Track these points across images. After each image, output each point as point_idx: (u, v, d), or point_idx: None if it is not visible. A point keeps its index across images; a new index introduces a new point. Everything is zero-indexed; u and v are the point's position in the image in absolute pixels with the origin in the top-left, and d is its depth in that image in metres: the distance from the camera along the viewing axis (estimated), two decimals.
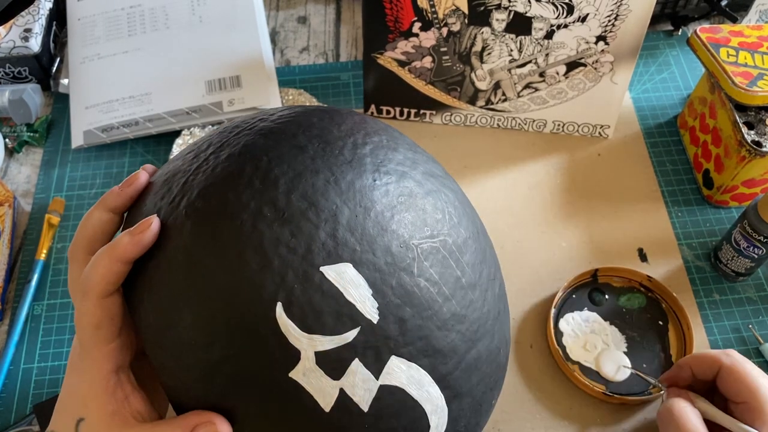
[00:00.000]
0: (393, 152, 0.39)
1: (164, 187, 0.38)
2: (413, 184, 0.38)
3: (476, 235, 0.41)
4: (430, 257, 0.36)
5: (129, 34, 0.77)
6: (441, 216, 0.38)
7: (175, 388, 0.36)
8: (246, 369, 0.34)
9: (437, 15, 0.64)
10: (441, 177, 0.41)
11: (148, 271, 0.36)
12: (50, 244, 0.67)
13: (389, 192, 0.37)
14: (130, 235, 0.35)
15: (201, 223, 0.35)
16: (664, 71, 0.78)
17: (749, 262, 0.60)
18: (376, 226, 0.35)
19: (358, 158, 0.37)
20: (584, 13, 0.62)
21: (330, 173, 0.36)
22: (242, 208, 0.34)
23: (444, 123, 0.74)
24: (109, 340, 0.37)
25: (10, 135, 0.74)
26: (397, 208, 0.36)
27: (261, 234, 0.34)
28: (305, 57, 0.81)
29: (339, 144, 0.37)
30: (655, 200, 0.68)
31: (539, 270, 0.64)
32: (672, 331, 0.60)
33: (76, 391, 0.38)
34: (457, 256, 0.38)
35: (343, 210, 0.35)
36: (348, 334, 0.34)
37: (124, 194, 0.39)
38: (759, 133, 0.61)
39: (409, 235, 0.36)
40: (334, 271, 0.34)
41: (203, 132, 0.73)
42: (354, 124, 0.40)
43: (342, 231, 0.34)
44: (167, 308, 0.35)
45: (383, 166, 0.38)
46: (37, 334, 0.63)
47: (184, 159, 0.39)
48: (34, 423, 0.57)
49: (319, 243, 0.34)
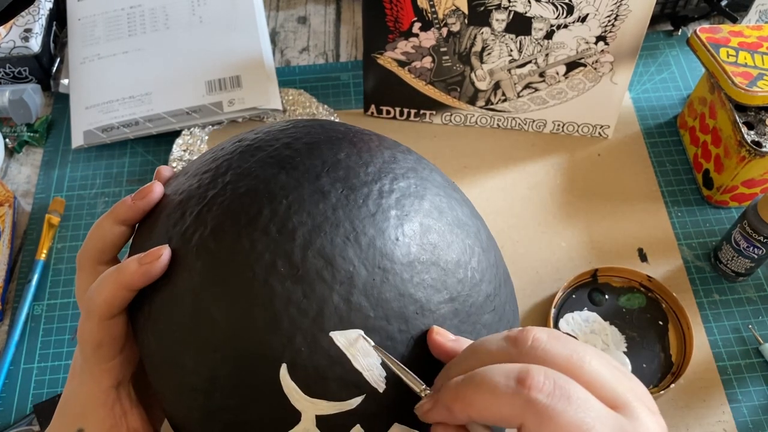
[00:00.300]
0: (420, 201, 0.36)
1: (177, 211, 0.36)
2: (437, 239, 0.36)
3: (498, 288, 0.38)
4: (446, 323, 0.35)
5: (129, 35, 0.77)
6: (462, 275, 0.36)
7: (175, 417, 0.35)
8: (244, 422, 0.33)
9: (437, 15, 0.64)
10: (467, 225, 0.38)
11: (155, 302, 0.35)
12: (50, 244, 0.67)
13: (411, 252, 0.34)
14: (138, 264, 0.34)
15: (211, 267, 0.33)
16: (664, 71, 0.78)
17: (749, 262, 0.60)
18: (393, 290, 0.33)
19: (383, 211, 0.35)
20: (584, 13, 0.62)
21: (351, 228, 0.34)
22: (255, 258, 0.33)
23: (444, 123, 0.74)
24: (110, 358, 0.36)
25: (10, 135, 0.74)
26: (418, 269, 0.34)
27: (272, 291, 0.32)
28: (305, 57, 0.81)
29: (364, 191, 0.35)
30: (655, 200, 0.68)
31: (539, 270, 0.64)
32: (672, 331, 0.60)
33: (76, 400, 0.38)
34: (475, 318, 0.36)
35: (360, 271, 0.33)
36: (352, 401, 0.33)
37: (137, 207, 0.38)
38: (759, 133, 0.61)
39: (427, 299, 0.34)
40: (344, 338, 0.32)
41: (203, 132, 0.73)
42: (383, 164, 0.37)
43: (357, 295, 0.33)
44: (170, 346, 0.34)
45: (408, 220, 0.35)
46: (37, 334, 0.63)
47: (201, 180, 0.37)
48: (34, 423, 0.57)
49: (332, 307, 0.32)
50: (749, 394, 0.58)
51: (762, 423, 0.57)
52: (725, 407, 0.57)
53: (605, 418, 0.27)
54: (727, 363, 0.59)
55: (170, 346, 0.34)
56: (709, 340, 0.61)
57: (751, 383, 0.59)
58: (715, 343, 0.60)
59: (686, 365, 0.57)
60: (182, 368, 0.33)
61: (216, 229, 0.34)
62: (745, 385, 0.58)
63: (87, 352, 0.36)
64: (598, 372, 0.28)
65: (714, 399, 0.58)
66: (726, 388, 0.58)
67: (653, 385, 0.57)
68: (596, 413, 0.27)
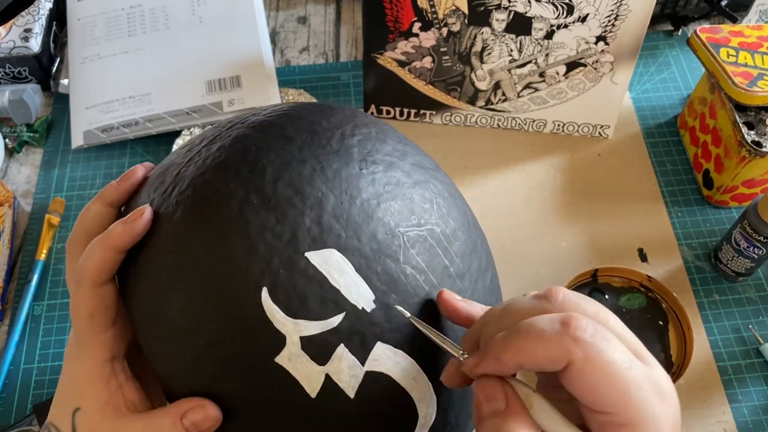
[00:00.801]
0: (381, 143, 0.39)
1: (158, 179, 0.38)
2: (401, 174, 0.38)
3: (466, 226, 0.41)
4: (416, 245, 0.37)
5: (129, 34, 0.77)
6: (429, 206, 0.38)
7: (166, 377, 0.36)
8: (232, 354, 0.34)
9: (437, 15, 0.64)
10: (431, 169, 0.41)
11: (140, 260, 0.36)
12: (50, 244, 0.67)
13: (376, 181, 0.37)
14: (123, 224, 0.36)
15: (190, 211, 0.35)
16: (664, 71, 0.78)
17: (749, 262, 0.60)
18: (362, 213, 0.35)
19: (346, 148, 0.37)
20: (584, 13, 0.62)
21: (317, 162, 0.36)
22: (230, 195, 0.35)
23: (444, 123, 0.74)
24: (104, 329, 0.37)
25: (10, 135, 0.74)
26: (384, 196, 0.37)
27: (247, 220, 0.34)
28: (305, 57, 0.81)
29: (327, 135, 0.38)
30: (655, 200, 0.68)
31: (539, 270, 0.64)
32: (672, 331, 0.60)
33: (72, 380, 0.38)
34: (445, 245, 0.38)
35: (328, 197, 0.35)
36: (333, 320, 0.34)
37: (122, 188, 0.40)
38: (759, 133, 0.61)
39: (395, 223, 0.36)
40: (319, 257, 0.34)
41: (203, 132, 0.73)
42: (344, 117, 0.40)
43: (327, 217, 0.35)
44: (157, 295, 0.35)
45: (370, 156, 0.38)
46: (37, 334, 0.63)
47: (179, 153, 0.40)
48: (34, 423, 0.57)
49: (305, 229, 0.34)
50: (749, 394, 0.58)
51: (762, 423, 0.57)
52: (725, 407, 0.57)
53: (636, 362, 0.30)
54: (727, 363, 0.59)
55: (156, 294, 0.35)
56: (709, 340, 0.61)
57: (751, 383, 0.59)
58: (715, 343, 0.60)
59: (686, 365, 0.57)
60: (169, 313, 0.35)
61: (193, 181, 0.36)
62: (745, 385, 0.58)
63: (81, 324, 0.37)
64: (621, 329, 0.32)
65: (714, 399, 0.58)
66: (726, 388, 0.58)
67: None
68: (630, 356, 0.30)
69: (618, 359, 0.29)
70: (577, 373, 0.29)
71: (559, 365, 0.30)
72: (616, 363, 0.29)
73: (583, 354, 0.29)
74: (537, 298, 0.32)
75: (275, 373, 0.34)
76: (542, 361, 0.30)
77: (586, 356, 0.29)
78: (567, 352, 0.29)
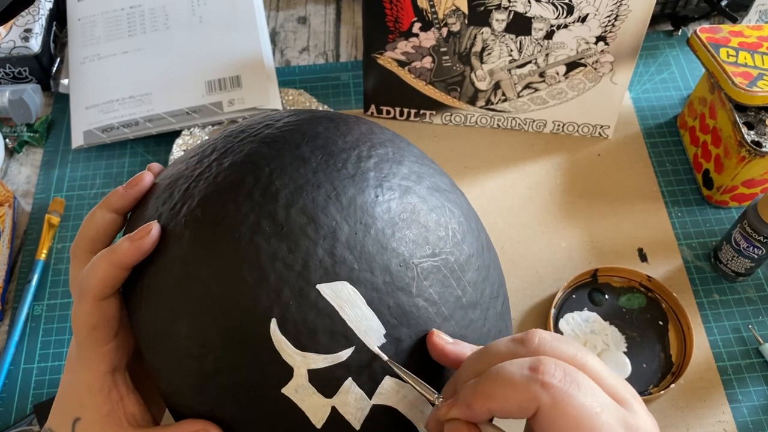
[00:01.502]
0: (398, 166, 0.38)
1: (166, 191, 0.37)
2: (417, 199, 0.37)
3: (480, 251, 0.40)
4: (430, 276, 0.36)
5: (129, 35, 0.77)
6: (444, 233, 0.37)
7: (171, 394, 0.36)
8: (239, 382, 0.33)
9: (437, 15, 0.64)
10: (447, 191, 0.40)
11: (147, 278, 0.36)
12: (50, 244, 0.67)
13: (391, 209, 0.36)
14: (129, 241, 0.35)
15: (199, 234, 0.34)
16: (664, 71, 0.78)
17: (749, 262, 0.60)
18: (376, 244, 0.35)
19: (362, 172, 0.36)
20: (584, 13, 0.62)
21: (332, 188, 0.35)
22: (241, 220, 0.34)
23: (444, 123, 0.74)
24: (106, 341, 0.37)
25: (10, 135, 0.74)
26: (399, 225, 0.36)
27: (258, 248, 0.33)
28: (305, 57, 0.81)
29: (343, 156, 0.37)
30: (655, 200, 0.68)
31: (539, 270, 0.64)
32: (672, 331, 0.60)
33: (73, 390, 0.38)
34: (459, 274, 0.37)
35: (342, 227, 0.34)
36: (342, 353, 0.33)
37: (128, 195, 0.39)
38: (759, 133, 0.61)
39: (410, 253, 0.35)
40: (330, 290, 0.33)
41: (203, 132, 0.73)
42: (360, 135, 0.39)
43: (340, 249, 0.34)
44: (163, 316, 0.35)
45: (387, 180, 0.37)
46: (37, 334, 0.63)
47: (188, 163, 0.39)
48: (34, 423, 0.57)
49: (317, 260, 0.33)
50: (749, 394, 0.58)
51: (762, 423, 0.57)
52: (725, 407, 0.57)
53: (611, 405, 0.29)
54: (727, 363, 0.59)
55: (163, 316, 0.35)
56: (709, 340, 0.61)
57: (751, 383, 0.59)
58: (715, 343, 0.60)
59: (686, 365, 0.57)
60: (175, 336, 0.34)
61: (202, 200, 0.35)
62: (745, 385, 0.58)
63: (82, 336, 0.36)
64: (600, 370, 0.31)
65: (714, 399, 0.58)
66: (726, 388, 0.58)
67: (653, 385, 0.57)
68: (603, 400, 0.29)
69: (588, 404, 0.28)
70: (545, 420, 0.28)
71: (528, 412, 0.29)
72: (586, 407, 0.28)
73: (551, 399, 0.28)
74: (514, 341, 0.32)
75: (281, 404, 0.33)
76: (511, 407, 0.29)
77: (554, 401, 0.28)
78: (534, 398, 0.29)
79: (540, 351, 0.31)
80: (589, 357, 0.31)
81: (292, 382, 0.33)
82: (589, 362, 0.31)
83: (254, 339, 0.33)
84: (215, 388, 0.34)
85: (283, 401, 0.33)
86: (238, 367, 0.33)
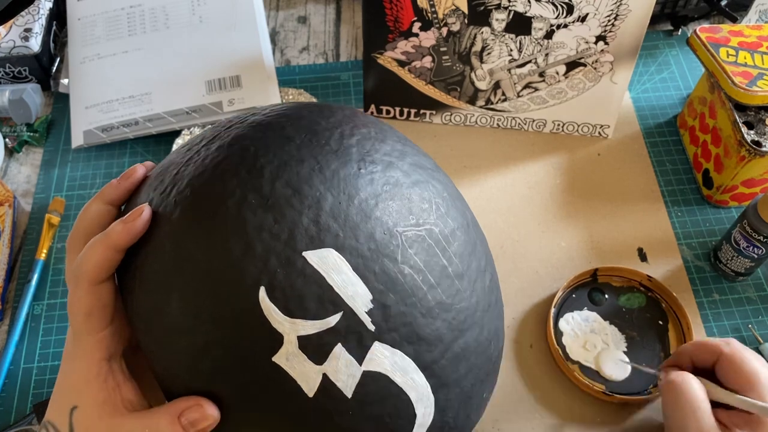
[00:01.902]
0: (380, 143, 0.39)
1: (158, 179, 0.39)
2: (400, 173, 0.38)
3: (465, 226, 0.41)
4: (414, 245, 0.37)
5: (129, 34, 0.77)
6: (428, 206, 0.38)
7: (165, 376, 0.36)
8: (230, 353, 0.34)
9: (437, 15, 0.64)
10: (430, 169, 0.41)
11: (139, 259, 0.37)
12: (50, 244, 0.67)
13: (374, 180, 0.37)
14: (122, 223, 0.36)
15: (188, 210, 0.35)
16: (663, 71, 0.78)
17: (749, 262, 0.60)
18: (360, 213, 0.36)
19: (344, 148, 0.37)
20: (584, 13, 0.62)
21: (315, 162, 0.36)
22: (228, 195, 0.35)
23: (444, 123, 0.74)
24: (101, 327, 0.37)
25: (10, 135, 0.74)
26: (382, 196, 0.37)
27: (245, 220, 0.34)
28: (305, 57, 0.81)
29: (326, 135, 0.38)
30: (655, 200, 0.68)
31: (539, 270, 0.64)
32: (672, 331, 0.60)
33: (70, 378, 0.38)
34: (444, 245, 0.38)
35: (326, 197, 0.35)
36: (330, 319, 0.34)
37: (122, 187, 0.40)
38: (759, 133, 0.61)
39: (394, 222, 0.36)
40: (316, 256, 0.34)
41: (203, 132, 0.73)
42: (343, 117, 0.40)
43: (325, 217, 0.35)
44: (155, 294, 0.35)
45: (369, 156, 0.38)
46: (37, 334, 0.63)
47: (179, 152, 0.40)
48: (34, 423, 0.57)
49: (302, 228, 0.34)
50: None
51: None
52: None
53: None
54: None
55: (155, 294, 0.35)
56: None
57: None
58: None
59: None
60: (168, 314, 0.35)
61: (191, 180, 0.36)
62: None
63: (78, 323, 0.37)
64: None
65: None
66: None
67: (653, 385, 0.57)
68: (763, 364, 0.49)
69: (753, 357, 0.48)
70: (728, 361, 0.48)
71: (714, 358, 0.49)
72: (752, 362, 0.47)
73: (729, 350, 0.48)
74: None
75: (273, 373, 0.34)
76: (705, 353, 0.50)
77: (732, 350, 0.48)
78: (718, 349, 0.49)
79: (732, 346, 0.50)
80: None
81: (283, 350, 0.34)
82: None
83: (243, 308, 0.34)
84: (208, 363, 0.34)
85: (274, 370, 0.34)
86: (229, 338, 0.34)
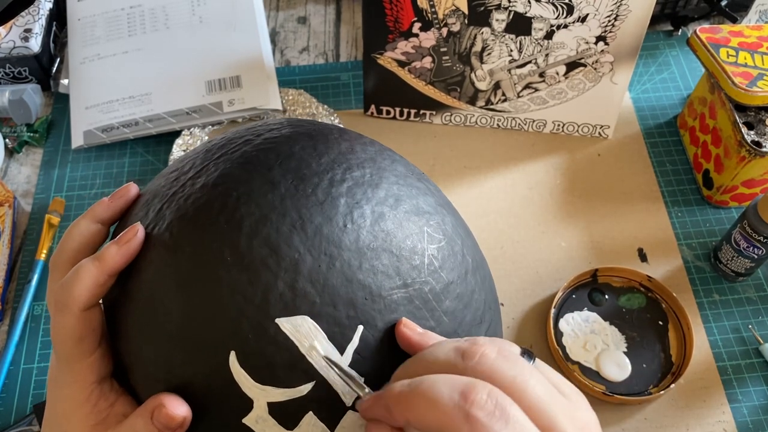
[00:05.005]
0: (374, 189, 0.37)
1: (143, 209, 0.37)
2: (391, 226, 0.36)
3: (463, 276, 0.38)
4: (400, 308, 0.34)
5: (129, 35, 0.77)
6: (419, 261, 0.36)
7: None
8: (201, 407, 0.33)
9: (437, 15, 0.64)
10: (429, 213, 0.38)
11: (120, 293, 0.36)
12: (50, 244, 0.67)
13: (360, 238, 0.35)
14: (116, 246, 0.35)
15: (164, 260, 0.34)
16: (663, 71, 0.78)
17: (749, 262, 0.60)
18: (340, 276, 0.34)
19: (332, 199, 0.35)
20: (584, 13, 0.62)
21: (297, 216, 0.34)
22: (204, 249, 0.34)
23: (444, 123, 0.74)
24: (91, 351, 0.36)
25: (10, 135, 0.74)
26: (367, 255, 0.34)
27: (219, 279, 0.33)
28: (305, 57, 0.81)
29: (314, 181, 0.36)
30: (655, 200, 0.68)
31: (539, 270, 0.64)
32: (672, 331, 0.60)
33: (59, 407, 0.37)
34: (434, 305, 0.36)
35: (305, 258, 0.33)
36: (302, 388, 0.33)
37: (114, 206, 0.39)
38: (759, 133, 0.61)
39: (378, 286, 0.34)
40: (290, 324, 0.33)
41: (203, 132, 0.73)
42: (338, 155, 0.38)
43: (302, 282, 0.33)
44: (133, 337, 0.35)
45: (359, 207, 0.35)
46: (37, 334, 0.63)
47: (167, 178, 0.38)
48: (34, 423, 0.57)
49: (277, 293, 0.33)
50: (749, 394, 0.58)
51: (762, 423, 0.57)
52: (725, 407, 0.57)
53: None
54: (727, 363, 0.59)
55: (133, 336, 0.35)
56: (709, 340, 0.61)
57: (751, 383, 0.59)
58: (715, 343, 0.60)
59: (686, 365, 0.57)
60: (145, 358, 0.34)
61: (170, 224, 0.35)
62: (745, 385, 0.58)
63: (67, 349, 0.36)
64: (540, 397, 0.28)
65: (714, 399, 0.58)
66: (726, 388, 0.58)
67: (653, 385, 0.57)
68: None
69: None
70: None
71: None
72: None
73: None
74: (456, 350, 0.30)
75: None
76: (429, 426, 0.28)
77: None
78: (455, 427, 0.27)
79: (478, 369, 0.29)
80: (531, 380, 0.29)
81: (253, 413, 0.33)
82: (530, 387, 0.28)
83: (215, 370, 0.33)
84: None
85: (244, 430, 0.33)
86: (200, 396, 0.33)
